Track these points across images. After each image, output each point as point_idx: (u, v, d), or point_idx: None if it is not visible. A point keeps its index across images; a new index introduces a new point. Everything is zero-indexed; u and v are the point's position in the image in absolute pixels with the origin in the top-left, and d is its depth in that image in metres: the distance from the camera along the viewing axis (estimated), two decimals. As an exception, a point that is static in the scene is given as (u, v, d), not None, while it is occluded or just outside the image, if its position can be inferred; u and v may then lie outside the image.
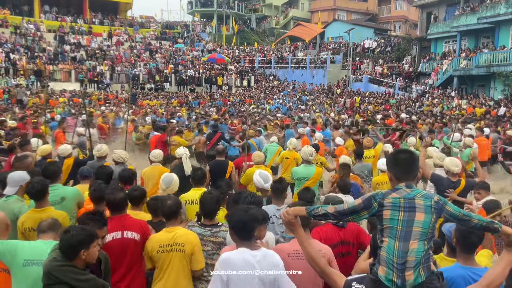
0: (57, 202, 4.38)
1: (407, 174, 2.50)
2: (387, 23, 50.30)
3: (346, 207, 2.49)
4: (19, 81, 28.29)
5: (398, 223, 2.34)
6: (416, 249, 2.28)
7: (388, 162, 2.65)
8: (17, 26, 35.74)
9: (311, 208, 2.58)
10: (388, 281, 2.28)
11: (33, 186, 4.00)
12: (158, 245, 3.50)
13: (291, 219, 2.64)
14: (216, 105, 27.72)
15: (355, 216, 2.49)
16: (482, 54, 25.48)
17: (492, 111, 20.28)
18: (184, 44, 43.94)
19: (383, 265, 2.32)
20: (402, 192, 2.41)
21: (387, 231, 2.37)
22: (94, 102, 25.91)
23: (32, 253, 3.11)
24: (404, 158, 2.54)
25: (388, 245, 2.33)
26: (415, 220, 2.34)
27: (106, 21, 43.09)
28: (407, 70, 32.19)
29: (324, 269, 2.54)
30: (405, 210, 2.36)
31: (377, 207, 2.42)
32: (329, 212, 2.51)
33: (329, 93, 32.78)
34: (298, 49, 43.91)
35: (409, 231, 2.32)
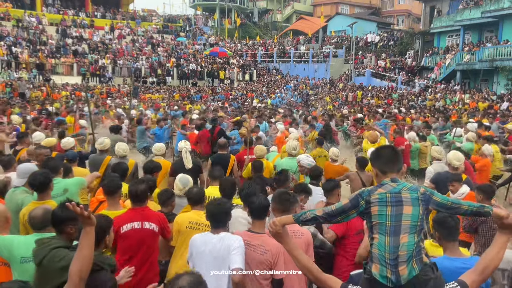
0: (60, 194, 4.39)
1: (391, 167, 2.51)
2: (390, 17, 50.07)
3: (334, 208, 2.50)
4: (21, 75, 28.29)
5: (387, 218, 2.34)
6: (407, 243, 2.28)
7: (372, 158, 2.65)
8: (19, 20, 35.71)
9: (299, 214, 2.57)
10: (383, 278, 2.27)
11: (35, 177, 4.00)
12: (188, 221, 3.88)
13: (278, 229, 2.57)
14: (219, 99, 27.73)
15: (343, 216, 2.50)
16: (485, 48, 25.36)
17: (495, 106, 20.21)
18: (186, 38, 43.83)
19: (376, 263, 2.31)
20: (388, 187, 2.42)
21: (377, 228, 2.36)
22: (97, 96, 25.92)
23: (28, 251, 3.03)
24: (386, 151, 2.59)
25: (379, 241, 2.33)
26: (403, 213, 2.33)
27: (108, 14, 42.99)
28: (410, 64, 32.06)
29: (318, 276, 2.50)
30: (392, 205, 2.36)
31: (364, 205, 2.43)
32: (318, 215, 2.51)
33: (332, 87, 32.69)
34: (301, 43, 43.75)
35: (399, 225, 2.31)
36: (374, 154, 2.65)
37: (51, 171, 4.45)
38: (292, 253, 2.59)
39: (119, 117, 13.30)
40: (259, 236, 3.30)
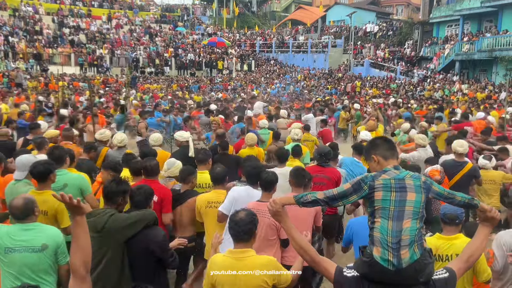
0: (59, 188, 4.25)
1: (392, 153, 2.58)
2: (389, 7, 49.81)
3: (335, 192, 2.50)
4: (18, 65, 28.14)
5: (391, 203, 2.37)
6: (409, 227, 2.32)
7: (370, 147, 2.68)
8: (15, 9, 35.42)
9: (300, 196, 2.57)
10: (384, 261, 2.29)
11: (35, 166, 3.98)
12: (207, 202, 4.30)
13: (278, 208, 2.58)
14: (218, 90, 27.64)
15: (344, 200, 2.52)
16: (484, 38, 25.26)
17: (493, 96, 20.19)
18: (184, 28, 43.57)
19: (378, 246, 2.33)
20: (391, 173, 2.46)
21: (379, 212, 2.38)
22: (97, 86, 25.82)
23: (11, 241, 3.09)
24: (381, 140, 2.68)
25: (381, 225, 2.35)
26: (407, 200, 2.38)
27: (106, 4, 42.64)
28: (409, 54, 31.95)
29: (315, 258, 2.53)
30: (396, 191, 2.39)
31: (368, 190, 2.44)
32: (319, 198, 2.51)
33: (330, 77, 32.60)
34: (300, 33, 43.53)
35: (402, 211, 2.36)
36: (372, 143, 2.69)
37: (55, 161, 4.38)
38: (289, 233, 2.61)
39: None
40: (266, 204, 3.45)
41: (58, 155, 4.56)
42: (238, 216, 3.01)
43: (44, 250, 3.12)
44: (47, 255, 3.15)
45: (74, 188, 4.39)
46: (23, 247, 3.07)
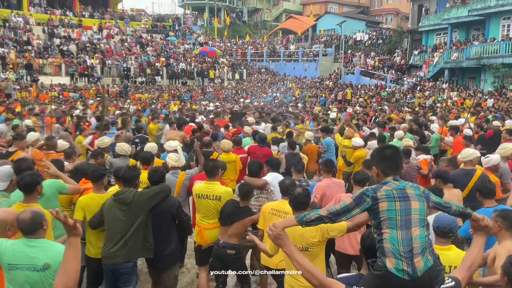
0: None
1: (394, 169, 2.57)
2: (379, 16, 50.38)
3: (338, 208, 2.48)
4: (7, 75, 27.95)
5: (397, 213, 2.38)
6: (419, 235, 2.33)
7: (375, 158, 2.67)
8: (5, 20, 35.24)
9: (302, 215, 2.52)
10: (399, 271, 2.26)
11: (23, 178, 3.90)
12: (271, 208, 4.43)
13: (279, 232, 2.51)
14: (209, 99, 27.65)
15: (347, 214, 2.49)
16: (472, 46, 25.62)
17: (482, 103, 20.44)
18: (175, 37, 43.64)
19: (390, 257, 2.30)
20: (392, 184, 2.48)
21: (386, 223, 2.38)
22: (91, 97, 25.73)
23: (14, 258, 2.95)
24: (390, 153, 2.61)
25: (390, 235, 2.33)
26: (412, 208, 2.40)
27: (96, 14, 42.61)
28: (399, 62, 32.29)
29: (323, 281, 2.47)
30: (400, 200, 2.41)
31: (371, 202, 2.44)
32: (322, 215, 2.48)
33: (321, 86, 32.78)
34: (290, 42, 43.83)
35: (409, 219, 2.36)
36: (377, 154, 2.67)
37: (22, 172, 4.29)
38: (293, 257, 2.53)
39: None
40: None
41: (26, 166, 4.49)
42: (296, 191, 3.64)
43: (46, 269, 2.94)
44: (49, 275, 2.95)
45: (52, 193, 4.36)
46: (25, 264, 2.93)
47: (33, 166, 4.77)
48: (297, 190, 3.79)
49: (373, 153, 2.80)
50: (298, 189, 3.85)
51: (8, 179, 4.36)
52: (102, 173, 4.55)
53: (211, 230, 4.72)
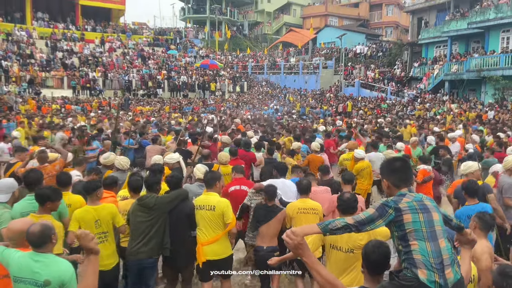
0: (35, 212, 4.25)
1: (405, 181, 2.61)
2: (379, 29, 50.78)
3: (363, 217, 2.46)
4: (10, 88, 28.12)
5: (422, 224, 2.40)
6: (445, 247, 2.37)
7: (385, 170, 2.70)
8: (9, 33, 35.58)
9: (326, 223, 2.44)
10: (431, 283, 2.27)
11: (42, 191, 4.12)
12: (297, 208, 4.92)
13: (299, 240, 2.33)
14: (210, 111, 27.73)
15: (372, 224, 2.46)
16: (472, 58, 25.77)
17: (483, 115, 20.47)
18: (177, 50, 43.97)
19: (422, 268, 2.30)
20: (410, 196, 2.51)
21: (413, 235, 2.38)
22: (94, 110, 25.86)
23: (19, 271, 2.97)
24: (400, 165, 2.65)
25: (420, 247, 2.34)
26: (434, 219, 2.44)
27: (99, 27, 43.03)
28: (399, 75, 32.45)
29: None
30: (422, 212, 2.44)
31: (394, 213, 2.44)
32: (350, 223, 2.42)
33: (320, 98, 32.88)
34: (291, 54, 44.13)
35: (433, 231, 2.40)
36: (387, 166, 2.70)
37: (32, 184, 4.45)
38: (314, 267, 2.40)
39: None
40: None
41: (35, 178, 4.58)
42: (345, 196, 3.98)
43: (46, 286, 2.93)
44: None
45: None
46: (28, 279, 2.94)
47: (41, 178, 4.81)
48: (346, 195, 4.09)
49: (382, 165, 2.82)
50: (346, 194, 4.15)
51: (10, 191, 4.39)
52: (97, 185, 4.59)
53: (209, 246, 4.65)
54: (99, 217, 4.44)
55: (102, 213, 4.46)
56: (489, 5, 25.58)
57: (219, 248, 4.65)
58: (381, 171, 2.79)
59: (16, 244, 3.18)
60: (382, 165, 2.81)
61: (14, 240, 3.20)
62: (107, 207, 4.53)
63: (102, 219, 4.46)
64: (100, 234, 4.44)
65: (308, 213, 4.88)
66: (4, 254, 3.08)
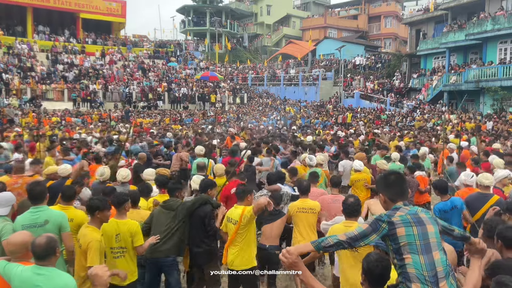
0: (40, 224, 4.27)
1: (401, 195, 2.62)
2: (378, 40, 51.13)
3: (356, 233, 2.49)
4: (10, 101, 28.23)
5: (415, 237, 2.40)
6: (440, 259, 2.37)
7: (380, 185, 2.71)
8: (10, 47, 35.84)
9: (319, 240, 2.49)
10: None
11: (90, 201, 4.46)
12: (297, 207, 5.45)
13: (294, 259, 2.39)
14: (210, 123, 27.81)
15: (365, 239, 2.48)
16: (471, 69, 25.91)
17: (482, 126, 20.51)
18: (177, 63, 44.23)
19: (416, 282, 2.31)
20: (404, 210, 2.52)
21: (407, 248, 2.39)
22: (94, 122, 25.93)
23: (21, 284, 2.99)
24: (395, 179, 2.66)
25: (413, 261, 2.35)
26: (429, 232, 2.44)
27: (99, 40, 43.35)
28: (398, 86, 32.58)
29: None
30: (416, 225, 2.44)
31: (387, 227, 2.46)
32: (342, 240, 2.46)
33: (322, 109, 32.98)
34: (290, 66, 44.37)
35: (428, 243, 2.40)
36: (382, 181, 2.71)
37: (36, 197, 4.41)
38: (310, 284, 2.45)
39: None
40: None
41: (39, 191, 4.50)
42: (349, 200, 4.18)
43: None
44: None
45: (54, 225, 4.34)
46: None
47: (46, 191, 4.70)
48: (350, 199, 4.27)
49: (378, 180, 2.84)
50: (350, 198, 4.31)
51: (9, 204, 4.40)
52: (124, 198, 4.65)
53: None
54: (120, 231, 4.49)
55: (122, 229, 4.50)
56: (486, 17, 25.80)
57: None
58: (377, 186, 2.84)
59: (17, 258, 3.20)
60: (378, 180, 2.83)
61: (15, 254, 3.22)
62: (129, 224, 4.54)
63: (122, 234, 4.49)
64: (119, 249, 4.50)
65: (307, 212, 5.41)
66: (6, 269, 3.09)
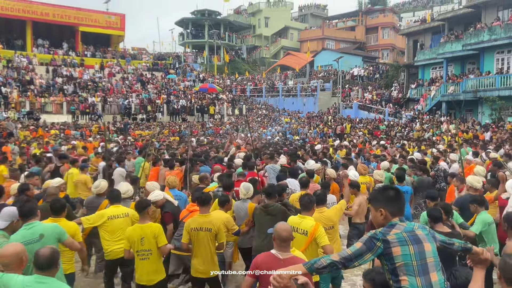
0: (36, 239, 4.23)
1: (401, 210, 2.55)
2: (375, 51, 51.42)
3: (350, 252, 2.40)
4: (9, 114, 28.22)
5: (412, 257, 2.32)
6: (438, 281, 2.28)
7: (380, 199, 2.62)
8: (9, 60, 35.96)
9: (312, 262, 2.41)
10: None
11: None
12: (297, 198, 5.96)
13: (286, 283, 2.34)
14: (209, 135, 27.82)
15: (360, 259, 2.40)
16: (468, 79, 26.01)
17: (480, 135, 20.50)
18: (176, 75, 44.36)
19: None
20: (400, 227, 2.43)
21: (403, 269, 2.32)
22: (93, 135, 25.89)
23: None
24: (395, 194, 2.59)
25: (410, 283, 2.28)
26: (426, 251, 2.35)
27: (98, 53, 43.54)
28: (396, 96, 32.67)
29: None
30: (413, 243, 2.35)
31: (383, 246, 2.37)
32: (335, 260, 2.38)
33: (320, 120, 32.99)
34: (289, 77, 44.55)
35: (425, 264, 2.32)
36: (382, 195, 2.62)
37: (27, 213, 4.35)
38: None
39: None
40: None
41: (29, 207, 4.45)
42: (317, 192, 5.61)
43: None
44: None
45: (52, 237, 4.34)
46: None
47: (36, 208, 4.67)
48: (317, 191, 5.64)
49: (375, 195, 2.72)
50: (318, 190, 5.77)
51: (10, 220, 4.35)
52: (147, 203, 5.07)
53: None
54: (144, 235, 4.80)
55: (146, 232, 4.80)
56: (483, 27, 25.99)
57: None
58: (374, 201, 2.68)
59: (11, 270, 3.22)
60: (376, 195, 2.72)
61: (9, 266, 3.24)
62: (152, 227, 4.87)
63: (146, 237, 4.79)
64: (144, 252, 4.83)
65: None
66: (4, 279, 3.10)
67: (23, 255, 3.27)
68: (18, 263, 3.22)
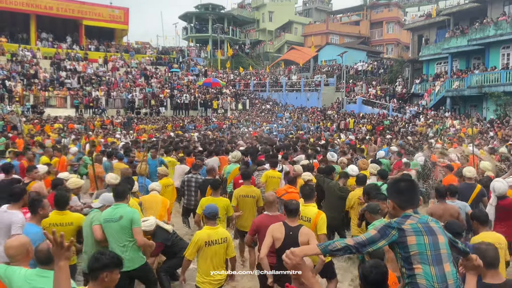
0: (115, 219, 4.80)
1: (411, 203, 2.57)
2: (380, 46, 51.18)
3: (364, 238, 2.43)
4: (13, 108, 28.31)
5: (426, 247, 2.36)
6: (450, 271, 2.33)
7: (391, 191, 2.67)
8: (13, 54, 36.01)
9: (326, 244, 2.42)
10: None
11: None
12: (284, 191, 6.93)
13: (298, 261, 2.33)
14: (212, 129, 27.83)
15: (373, 245, 2.42)
16: (473, 75, 25.85)
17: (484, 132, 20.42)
18: (179, 69, 44.30)
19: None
20: (414, 218, 2.47)
21: (417, 258, 2.35)
22: (97, 128, 25.95)
23: (27, 285, 3.05)
24: (405, 186, 2.60)
25: (424, 271, 2.31)
26: (439, 242, 2.40)
27: (102, 47, 43.50)
28: (400, 91, 32.52)
29: None
30: (427, 234, 2.40)
31: (397, 234, 2.41)
32: (350, 244, 2.40)
33: (324, 115, 32.92)
34: (292, 72, 44.40)
35: (438, 254, 2.36)
36: (393, 187, 2.66)
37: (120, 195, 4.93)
38: (311, 284, 2.42)
39: None
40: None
41: (122, 190, 5.04)
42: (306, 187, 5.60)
43: None
44: None
45: (127, 220, 4.77)
46: None
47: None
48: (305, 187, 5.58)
49: (389, 186, 2.80)
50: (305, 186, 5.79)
51: (103, 203, 5.05)
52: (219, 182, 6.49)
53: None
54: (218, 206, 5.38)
55: (220, 204, 5.69)
56: (489, 22, 25.78)
57: None
58: (388, 192, 2.77)
59: (17, 261, 3.29)
60: (389, 186, 2.80)
61: (15, 257, 3.31)
62: (223, 200, 6.17)
63: (220, 209, 5.54)
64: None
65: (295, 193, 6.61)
66: (7, 272, 3.14)
67: (29, 246, 3.35)
68: (24, 254, 3.30)
